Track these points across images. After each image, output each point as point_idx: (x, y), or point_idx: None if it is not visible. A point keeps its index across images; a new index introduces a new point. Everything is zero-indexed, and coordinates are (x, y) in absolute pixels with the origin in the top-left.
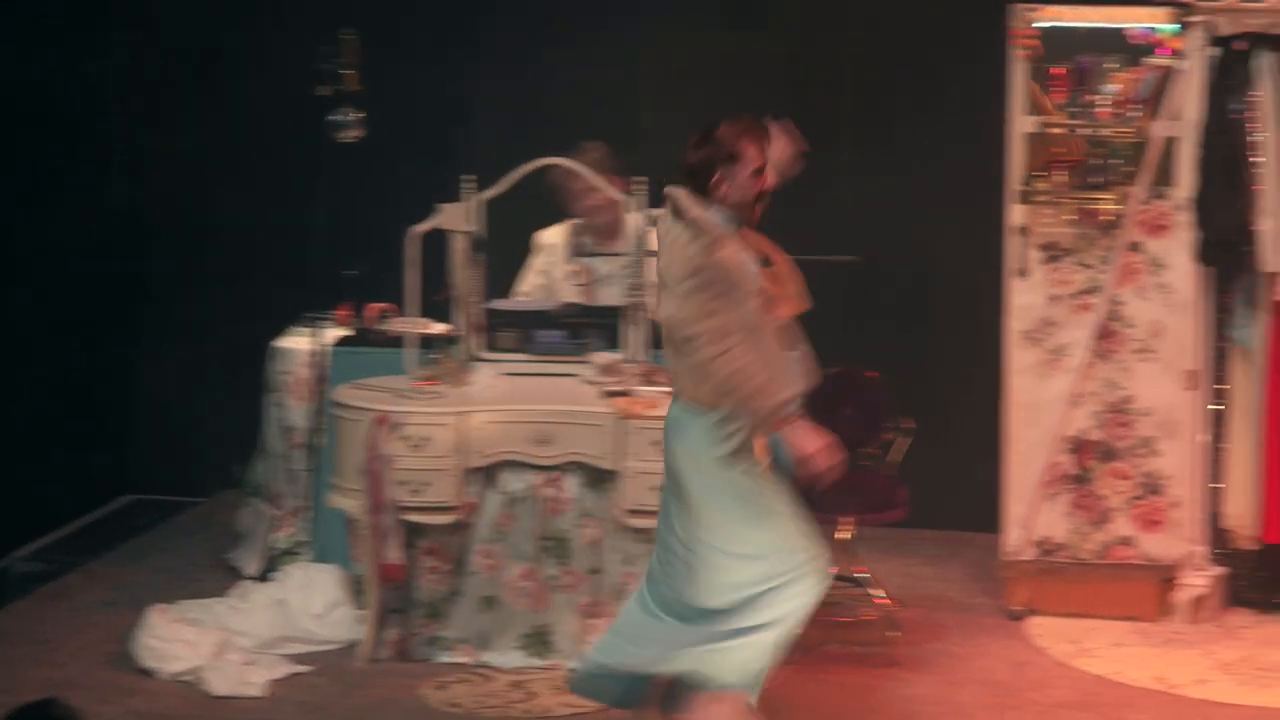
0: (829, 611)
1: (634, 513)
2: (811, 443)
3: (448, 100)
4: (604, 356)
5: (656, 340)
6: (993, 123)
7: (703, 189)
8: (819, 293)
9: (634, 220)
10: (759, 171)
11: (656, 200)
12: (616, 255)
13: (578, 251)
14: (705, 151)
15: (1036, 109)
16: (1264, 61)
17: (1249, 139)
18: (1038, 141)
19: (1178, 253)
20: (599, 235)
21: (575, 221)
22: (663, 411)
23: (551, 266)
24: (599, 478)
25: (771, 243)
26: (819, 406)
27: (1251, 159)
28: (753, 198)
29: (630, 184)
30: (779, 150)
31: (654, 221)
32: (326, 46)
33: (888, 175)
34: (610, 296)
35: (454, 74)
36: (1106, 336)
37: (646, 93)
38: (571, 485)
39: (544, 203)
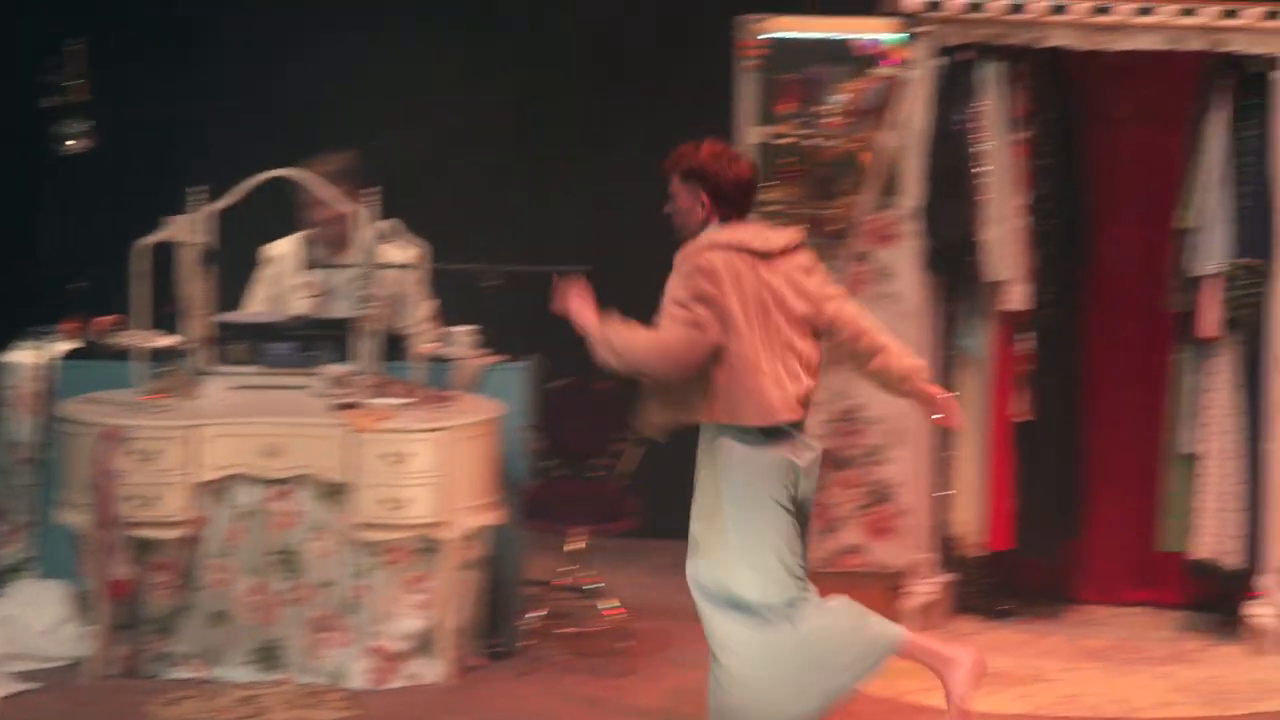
0: (559, 622)
1: (365, 526)
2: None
3: (178, 111)
4: (335, 369)
5: (389, 352)
6: (723, 133)
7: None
8: (549, 303)
9: (365, 232)
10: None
11: (389, 210)
12: (347, 267)
13: (308, 263)
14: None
15: (767, 119)
16: (988, 72)
17: (974, 149)
18: (767, 151)
19: (905, 262)
20: (330, 247)
21: (305, 233)
22: (394, 424)
23: (279, 278)
24: (330, 491)
25: None
26: (549, 418)
27: (977, 169)
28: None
29: (363, 195)
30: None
31: (385, 232)
32: (52, 57)
33: (619, 185)
34: (341, 309)
35: (186, 84)
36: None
37: (379, 102)
38: (302, 498)
39: (281, 213)
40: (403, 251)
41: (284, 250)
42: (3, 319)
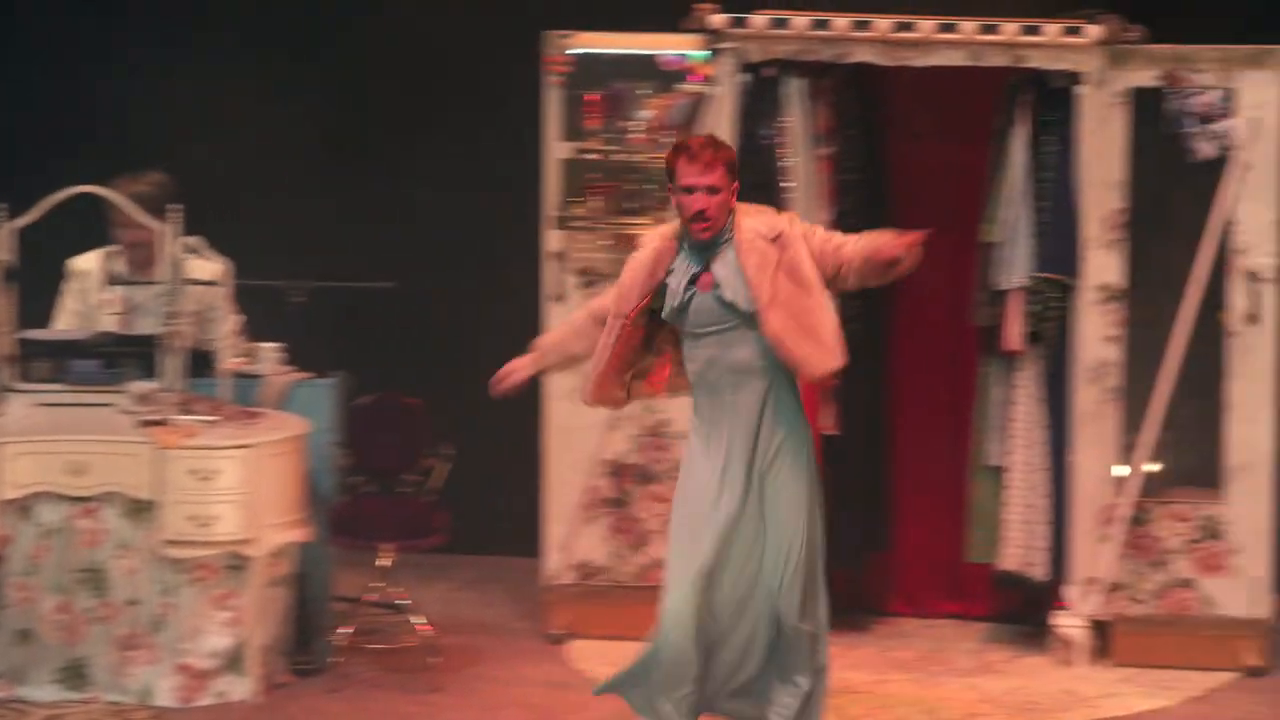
0: (369, 639)
1: (173, 543)
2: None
3: None
4: (140, 386)
5: (195, 369)
6: (530, 148)
7: None
8: (358, 319)
9: (171, 248)
10: (690, 189)
11: (192, 228)
12: (152, 284)
13: (113, 279)
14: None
15: (574, 134)
16: (792, 87)
17: (780, 163)
18: (574, 167)
19: None
20: (136, 263)
21: (111, 248)
22: (201, 441)
23: (86, 293)
24: (136, 508)
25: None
26: (357, 434)
27: (782, 183)
28: (686, 217)
29: (168, 212)
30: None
31: (190, 249)
32: None
33: (426, 202)
34: (146, 325)
35: None
36: None
37: (185, 118)
38: (108, 516)
39: (90, 226)
40: (208, 268)
41: (90, 265)
42: None
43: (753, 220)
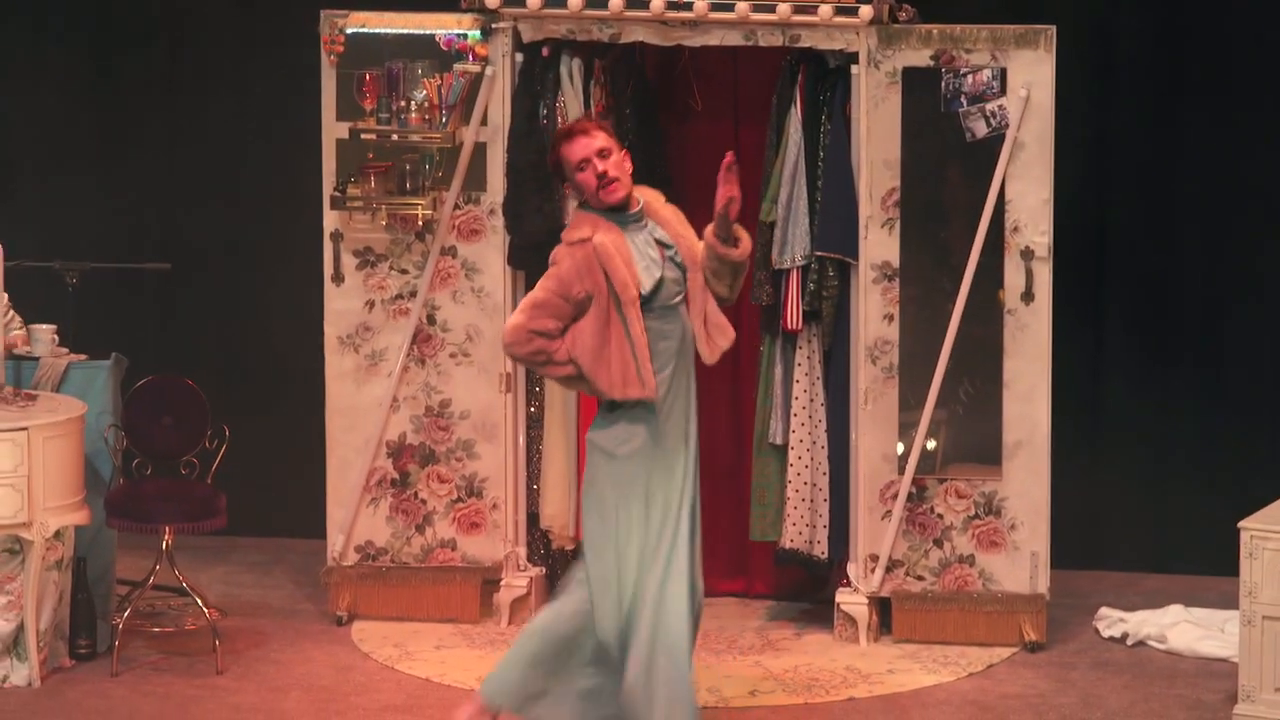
0: (151, 621)
1: None
2: None
3: None
4: None
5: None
6: (307, 127)
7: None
8: (131, 302)
9: None
10: (583, 164)
11: None
12: None
13: None
14: (555, 174)
15: (350, 114)
16: (568, 67)
17: None
18: (350, 147)
19: (490, 256)
20: None
21: None
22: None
23: None
24: None
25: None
26: (137, 416)
27: None
28: (594, 188)
29: None
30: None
31: None
32: None
33: (204, 180)
34: None
35: None
36: (424, 340)
37: None
38: None
39: None
40: None
41: None
42: None
43: (650, 194)
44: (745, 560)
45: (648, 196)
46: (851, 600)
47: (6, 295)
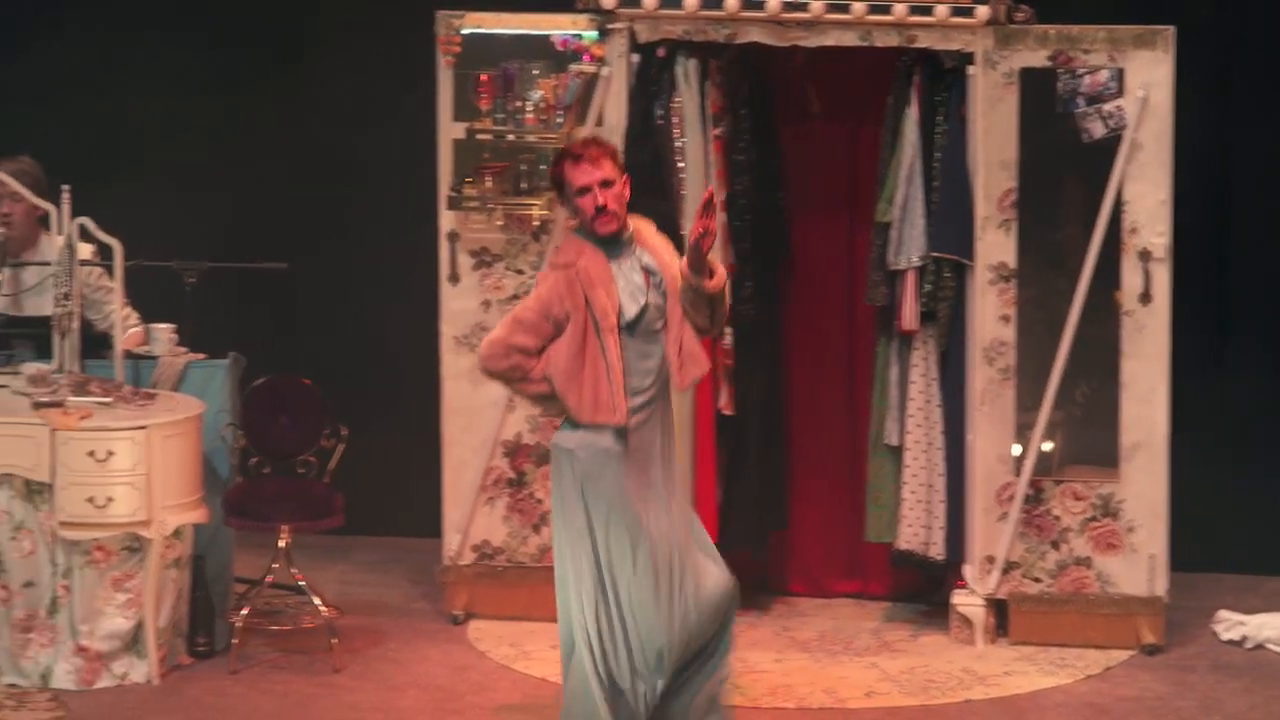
0: (268, 620)
1: (69, 525)
2: None
3: None
4: (33, 367)
5: (88, 350)
6: (424, 129)
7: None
8: (248, 301)
9: (60, 229)
10: (584, 191)
11: (82, 208)
12: (43, 265)
13: (3, 261)
14: (553, 186)
15: (466, 114)
16: (683, 68)
17: (672, 144)
18: (467, 147)
19: None
20: (17, 245)
21: None
22: (97, 422)
23: None
24: (32, 490)
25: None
26: (253, 416)
27: (675, 163)
28: (590, 216)
29: (53, 193)
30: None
31: (80, 229)
32: None
33: (321, 181)
34: (37, 307)
35: None
36: None
37: (72, 99)
38: (4, 498)
39: None
40: (85, 248)
41: None
42: None
43: (641, 223)
44: (861, 561)
45: (639, 224)
46: (968, 602)
47: (126, 295)
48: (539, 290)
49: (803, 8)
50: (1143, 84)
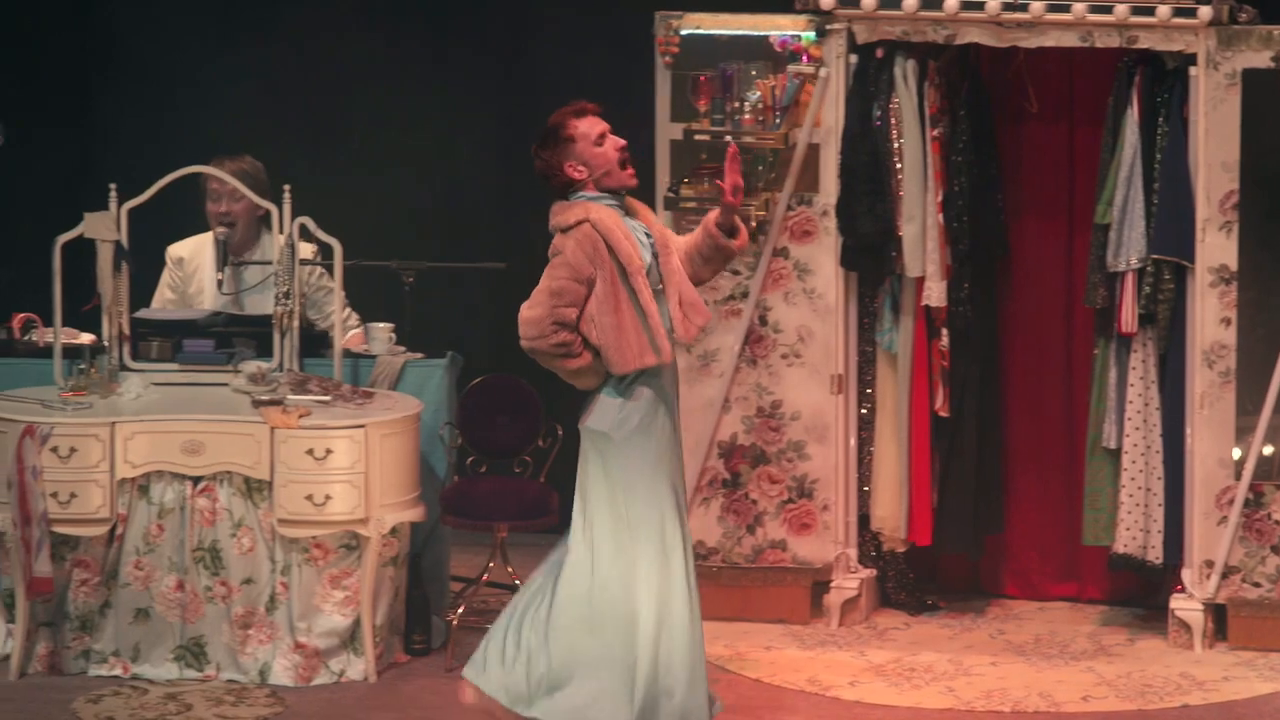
0: (484, 618)
1: (288, 522)
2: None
3: (89, 107)
4: (254, 365)
5: (307, 349)
6: (640, 129)
7: (563, 190)
8: (469, 300)
9: (286, 227)
10: (601, 138)
11: (302, 208)
12: (264, 264)
13: (221, 261)
14: (544, 154)
15: (683, 115)
16: (902, 68)
17: (890, 145)
18: (684, 148)
19: (823, 258)
20: (241, 244)
21: (216, 230)
22: (315, 420)
23: (186, 279)
24: (251, 487)
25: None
26: (472, 414)
27: (892, 165)
28: (615, 163)
29: (276, 193)
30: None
31: (304, 229)
32: None
33: (535, 181)
34: (258, 305)
35: (96, 81)
36: (755, 342)
37: (289, 103)
38: (224, 495)
39: (189, 213)
40: (305, 248)
41: (191, 249)
42: None
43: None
44: (1078, 564)
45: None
46: (1186, 606)
47: (345, 294)
48: (564, 257)
49: (1023, 8)
50: None
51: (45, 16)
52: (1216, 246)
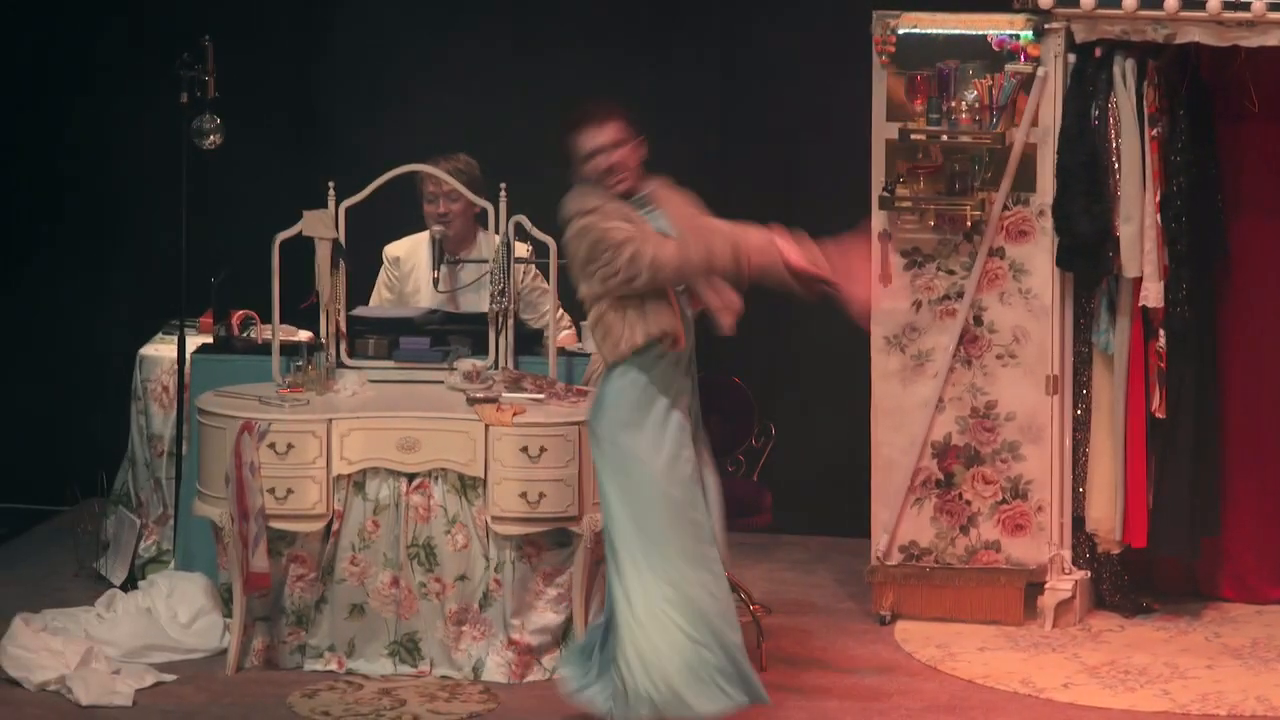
0: None
1: (501, 519)
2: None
3: (308, 106)
4: (469, 363)
5: (521, 347)
6: (857, 128)
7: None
8: None
9: (502, 226)
10: (592, 154)
11: (517, 206)
12: (480, 262)
13: (437, 260)
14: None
15: (900, 114)
16: (1120, 68)
17: (1108, 145)
18: (899, 148)
19: (1039, 258)
20: (456, 243)
21: (432, 229)
22: (528, 419)
23: (400, 280)
24: (466, 485)
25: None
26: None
27: (1110, 165)
28: (598, 177)
29: (492, 192)
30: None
31: (520, 228)
32: (187, 53)
33: (748, 181)
34: (474, 303)
35: (315, 80)
36: (970, 342)
37: (504, 103)
38: (438, 492)
39: (406, 211)
40: (519, 247)
41: (407, 249)
42: (141, 313)
43: (665, 189)
44: None
45: (661, 190)
46: None
47: (558, 293)
48: (597, 219)
49: (1244, 7)
50: None
51: (266, 16)
52: None
